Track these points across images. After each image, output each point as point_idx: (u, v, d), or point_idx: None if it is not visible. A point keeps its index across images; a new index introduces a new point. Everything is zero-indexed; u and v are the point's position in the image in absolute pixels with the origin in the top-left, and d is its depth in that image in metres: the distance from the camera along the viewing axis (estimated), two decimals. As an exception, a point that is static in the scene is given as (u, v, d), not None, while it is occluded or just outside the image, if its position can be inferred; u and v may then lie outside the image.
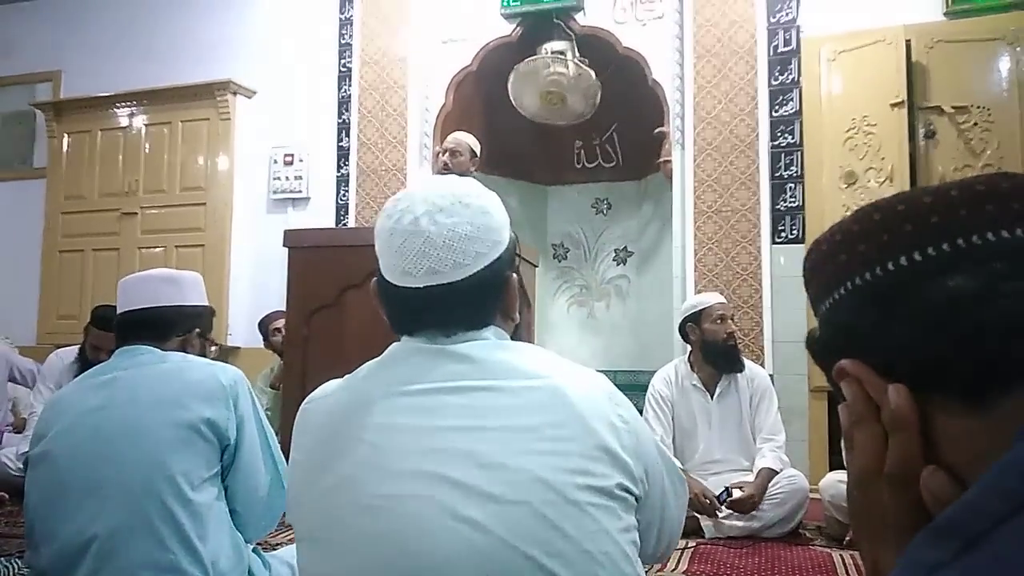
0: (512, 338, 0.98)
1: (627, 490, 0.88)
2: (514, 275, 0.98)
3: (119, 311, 1.62)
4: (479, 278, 0.91)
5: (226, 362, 1.70)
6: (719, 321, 3.11)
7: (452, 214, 0.90)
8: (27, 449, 3.41)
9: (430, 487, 0.82)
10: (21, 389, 4.23)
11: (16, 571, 2.01)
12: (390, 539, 0.81)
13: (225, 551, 1.42)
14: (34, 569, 1.41)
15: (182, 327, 1.63)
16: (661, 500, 0.98)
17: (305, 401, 0.98)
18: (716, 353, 3.14)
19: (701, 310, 3.17)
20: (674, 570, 2.46)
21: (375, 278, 0.97)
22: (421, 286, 0.90)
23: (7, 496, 3.24)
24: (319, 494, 0.87)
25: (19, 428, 3.84)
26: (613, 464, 0.86)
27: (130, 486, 1.36)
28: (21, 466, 3.41)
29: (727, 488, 2.91)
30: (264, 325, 4.14)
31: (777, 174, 4.14)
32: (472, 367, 0.89)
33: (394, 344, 0.96)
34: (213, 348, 1.83)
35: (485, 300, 0.94)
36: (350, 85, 4.89)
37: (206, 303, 1.71)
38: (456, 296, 0.90)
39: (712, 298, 3.24)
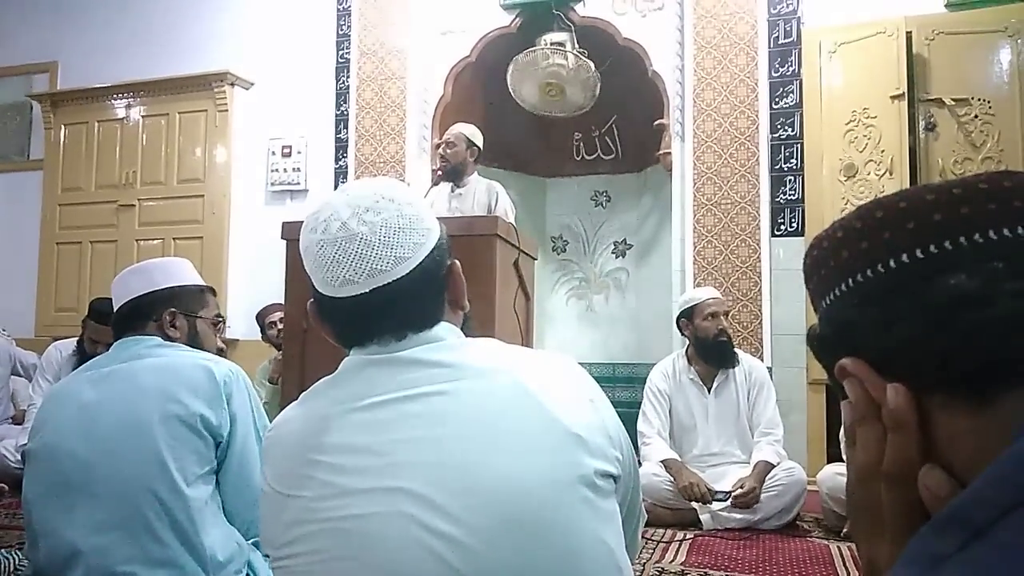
0: (463, 327, 0.95)
1: (605, 474, 0.85)
2: (456, 262, 0.95)
3: (114, 309, 1.64)
4: (423, 270, 0.88)
5: (224, 355, 1.69)
6: (710, 318, 3.12)
7: (379, 211, 0.87)
8: (26, 442, 3.43)
9: (394, 503, 0.79)
10: (20, 381, 4.23)
11: (17, 563, 2.01)
12: (360, 560, 0.79)
13: (223, 545, 1.41)
14: (32, 563, 1.41)
15: (154, 312, 1.61)
16: (634, 474, 0.96)
17: (267, 430, 0.96)
18: (706, 349, 3.16)
19: (693, 306, 3.18)
20: (672, 561, 2.47)
21: (310, 301, 0.93)
22: (367, 290, 0.86)
23: (7, 488, 3.25)
24: (286, 523, 0.84)
25: (18, 420, 3.85)
26: (586, 451, 0.83)
27: (125, 481, 1.36)
28: (20, 458, 3.41)
29: (728, 492, 2.91)
30: (261, 318, 4.13)
31: (777, 166, 4.14)
32: (426, 372, 0.86)
33: (345, 359, 0.92)
34: (221, 325, 1.79)
35: (432, 292, 0.91)
36: (348, 76, 4.87)
37: (183, 283, 1.68)
38: (403, 294, 0.87)
39: (705, 293, 3.25)
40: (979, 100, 3.70)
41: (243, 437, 1.48)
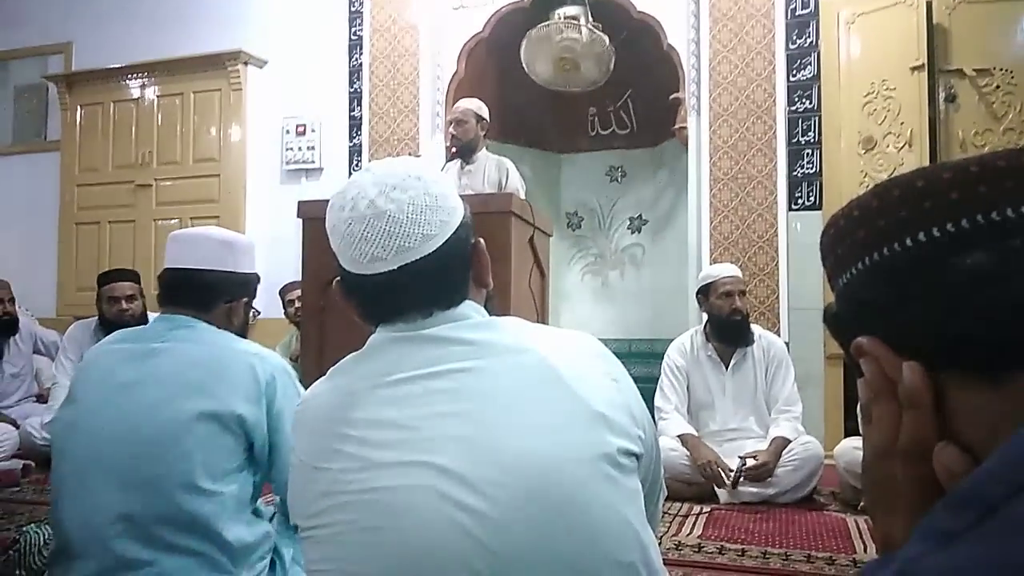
0: (485, 305, 0.96)
1: (628, 452, 0.86)
2: (481, 240, 0.97)
3: (167, 265, 1.54)
4: (449, 247, 0.90)
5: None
6: (725, 296, 3.11)
7: (406, 188, 0.88)
8: (50, 419, 3.49)
9: (421, 477, 0.80)
10: (43, 360, 4.30)
11: (47, 537, 2.06)
12: (388, 531, 0.80)
13: (248, 536, 1.42)
14: (55, 536, 1.42)
15: (230, 295, 1.55)
16: (656, 451, 0.97)
17: (299, 402, 0.98)
18: (721, 327, 3.15)
19: (709, 283, 3.17)
20: (689, 535, 2.49)
21: (336, 279, 0.94)
22: (395, 267, 0.87)
23: (33, 464, 3.32)
24: (316, 495, 0.86)
25: (42, 398, 3.91)
26: (609, 429, 0.84)
27: (154, 468, 1.35)
28: (46, 435, 3.48)
29: (742, 458, 2.92)
30: (282, 295, 4.17)
31: (794, 140, 4.09)
32: (452, 349, 0.87)
33: (372, 336, 0.93)
34: (255, 314, 1.77)
35: (458, 270, 0.92)
36: (361, 54, 4.86)
37: (255, 270, 1.62)
38: (430, 271, 0.88)
39: (722, 271, 3.23)
40: (1001, 70, 3.64)
41: (289, 433, 1.45)
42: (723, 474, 2.90)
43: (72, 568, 1.36)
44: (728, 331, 3.14)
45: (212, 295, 1.52)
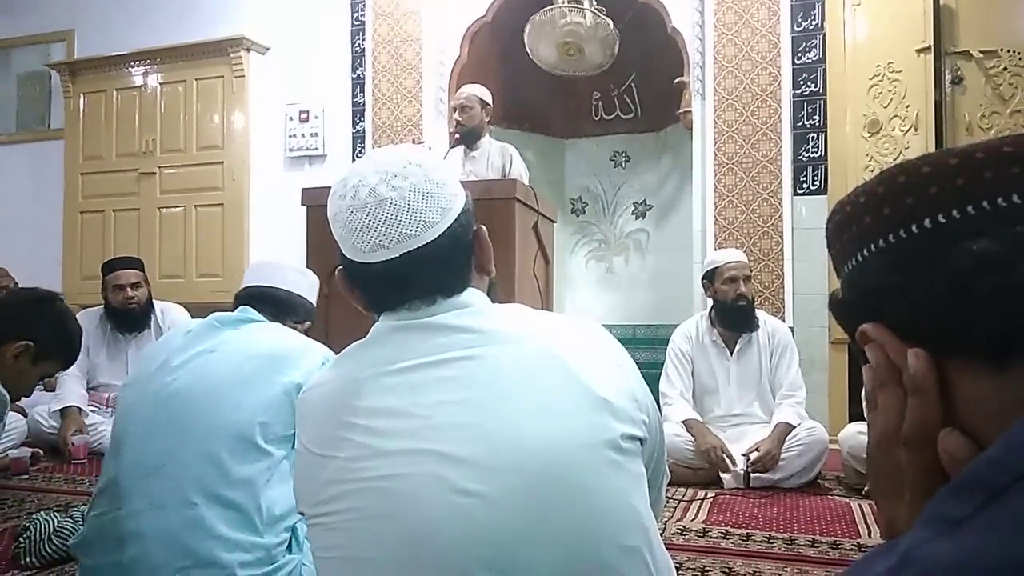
0: (488, 292, 0.97)
1: (631, 437, 0.86)
2: (483, 227, 0.97)
3: (247, 284, 1.78)
4: (451, 234, 0.90)
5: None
6: (729, 282, 3.10)
7: (407, 175, 0.88)
8: (58, 407, 3.51)
9: (426, 464, 0.81)
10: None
11: (56, 525, 2.08)
12: (394, 519, 0.81)
13: (281, 503, 1.50)
14: (113, 468, 1.52)
15: (299, 316, 1.80)
16: (659, 436, 0.98)
17: (301, 391, 0.99)
18: (725, 313, 3.15)
19: (714, 269, 3.17)
20: (693, 520, 2.50)
21: (338, 268, 0.94)
22: (397, 255, 0.88)
23: (42, 452, 3.34)
24: (322, 483, 0.87)
25: (49, 387, 3.93)
26: (613, 415, 0.85)
27: (210, 422, 1.47)
28: (54, 423, 3.50)
29: (746, 455, 2.92)
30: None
31: (799, 123, 4.07)
32: (456, 337, 0.87)
33: (375, 324, 0.94)
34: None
35: (460, 257, 0.93)
36: (363, 39, 4.83)
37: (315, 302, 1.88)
38: (432, 259, 0.88)
39: (727, 256, 3.23)
40: (1008, 52, 3.61)
41: None
42: (727, 459, 2.91)
43: (120, 503, 1.47)
44: (733, 317, 3.14)
45: (288, 310, 1.77)
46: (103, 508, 1.49)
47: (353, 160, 4.81)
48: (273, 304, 1.73)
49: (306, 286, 1.83)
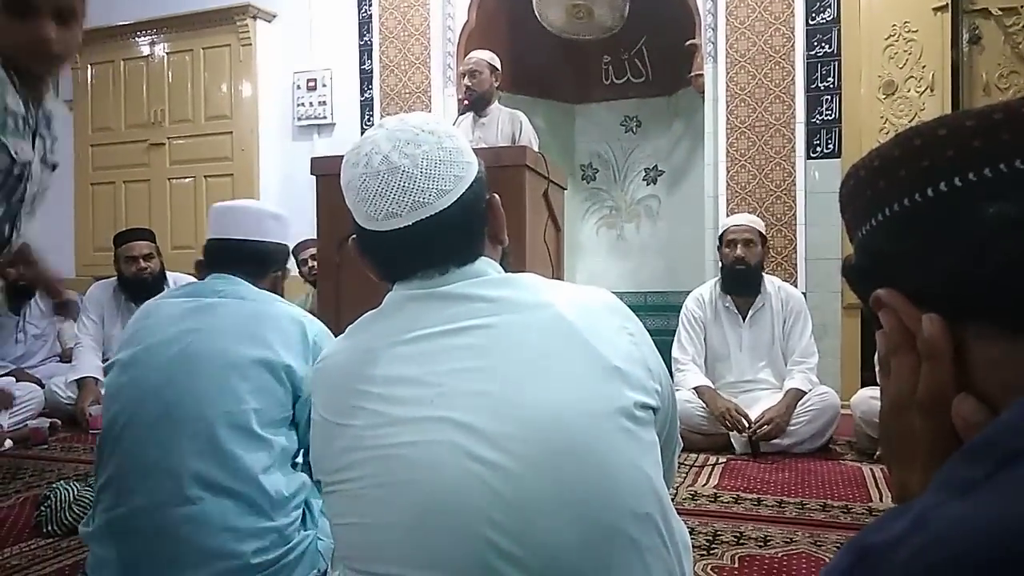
0: (501, 262, 0.97)
1: (644, 405, 0.87)
2: (496, 196, 0.96)
3: (213, 236, 1.60)
4: (464, 202, 0.89)
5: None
6: (730, 245, 3.11)
7: (420, 143, 0.88)
8: (75, 378, 3.55)
9: (442, 432, 0.81)
10: (65, 320, 4.36)
11: (76, 494, 2.11)
12: (409, 486, 0.81)
13: (286, 486, 1.47)
14: (108, 473, 1.48)
15: (279, 265, 1.65)
16: (672, 404, 0.98)
17: (317, 360, 0.99)
18: (724, 276, 3.17)
19: (722, 232, 3.19)
20: (705, 485, 2.51)
21: (352, 237, 0.94)
22: (411, 223, 0.88)
23: (60, 423, 3.39)
24: (338, 451, 0.88)
25: (65, 358, 3.98)
26: (626, 383, 0.85)
27: (209, 409, 1.41)
28: (71, 394, 3.55)
29: (755, 423, 2.91)
30: (295, 253, 4.17)
31: (813, 86, 4.01)
32: (470, 306, 0.87)
33: (389, 294, 0.94)
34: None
35: (473, 226, 0.93)
36: (370, 5, 4.78)
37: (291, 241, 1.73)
38: (446, 227, 0.88)
39: (735, 220, 3.24)
40: (1029, 9, 3.52)
41: None
42: (744, 419, 2.91)
43: (122, 501, 1.42)
44: (731, 280, 3.14)
45: (266, 265, 1.62)
46: (108, 503, 1.45)
47: (362, 128, 4.78)
48: (250, 260, 1.58)
49: (281, 232, 1.66)
